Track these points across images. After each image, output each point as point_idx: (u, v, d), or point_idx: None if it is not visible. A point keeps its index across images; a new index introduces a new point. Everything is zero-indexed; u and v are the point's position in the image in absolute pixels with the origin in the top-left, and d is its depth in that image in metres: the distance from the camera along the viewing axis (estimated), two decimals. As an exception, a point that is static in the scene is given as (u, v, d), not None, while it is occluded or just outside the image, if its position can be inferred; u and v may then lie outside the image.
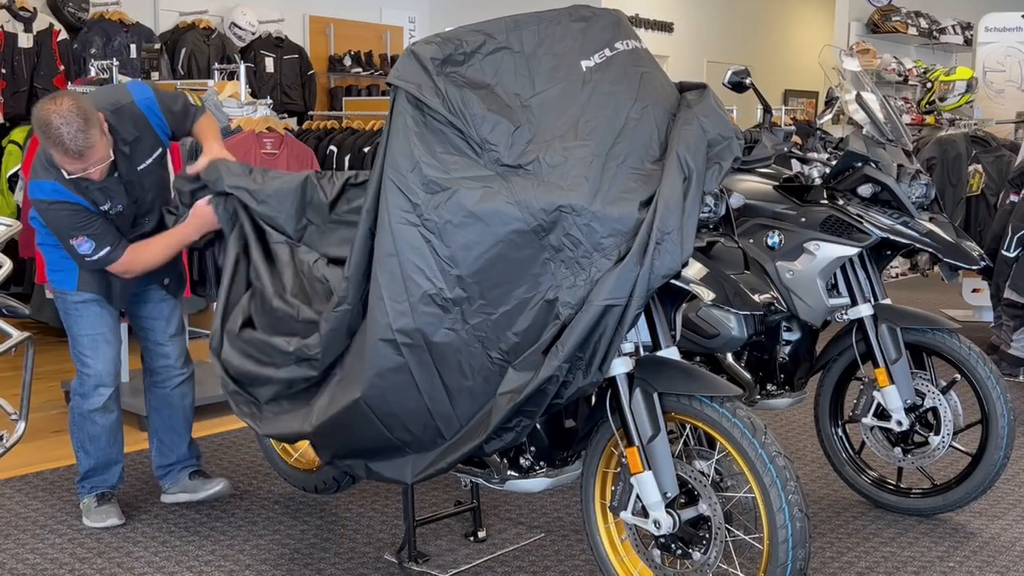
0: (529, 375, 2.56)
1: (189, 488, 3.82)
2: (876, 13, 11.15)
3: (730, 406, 2.66)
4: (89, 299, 3.57)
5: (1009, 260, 5.55)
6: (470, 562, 3.38)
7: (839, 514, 3.84)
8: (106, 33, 7.53)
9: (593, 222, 2.55)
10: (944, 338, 3.65)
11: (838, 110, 4.06)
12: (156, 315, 3.79)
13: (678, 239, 2.54)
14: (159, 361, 3.81)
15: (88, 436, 3.64)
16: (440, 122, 2.65)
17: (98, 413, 3.62)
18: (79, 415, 3.63)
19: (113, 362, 3.64)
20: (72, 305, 3.59)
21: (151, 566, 3.32)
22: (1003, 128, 8.22)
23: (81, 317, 3.59)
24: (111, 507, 3.66)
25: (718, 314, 3.57)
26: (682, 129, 2.68)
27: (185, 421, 3.88)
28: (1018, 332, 5.68)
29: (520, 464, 3.01)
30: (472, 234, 2.60)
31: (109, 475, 3.72)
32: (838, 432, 3.96)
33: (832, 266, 3.65)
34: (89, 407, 3.61)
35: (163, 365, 3.81)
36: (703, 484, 2.71)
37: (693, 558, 2.74)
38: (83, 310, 3.58)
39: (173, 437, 3.85)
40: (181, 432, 3.86)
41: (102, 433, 3.65)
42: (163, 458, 3.86)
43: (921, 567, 3.40)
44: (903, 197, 3.67)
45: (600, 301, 2.50)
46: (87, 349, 3.59)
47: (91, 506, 3.66)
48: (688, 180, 2.60)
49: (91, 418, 3.62)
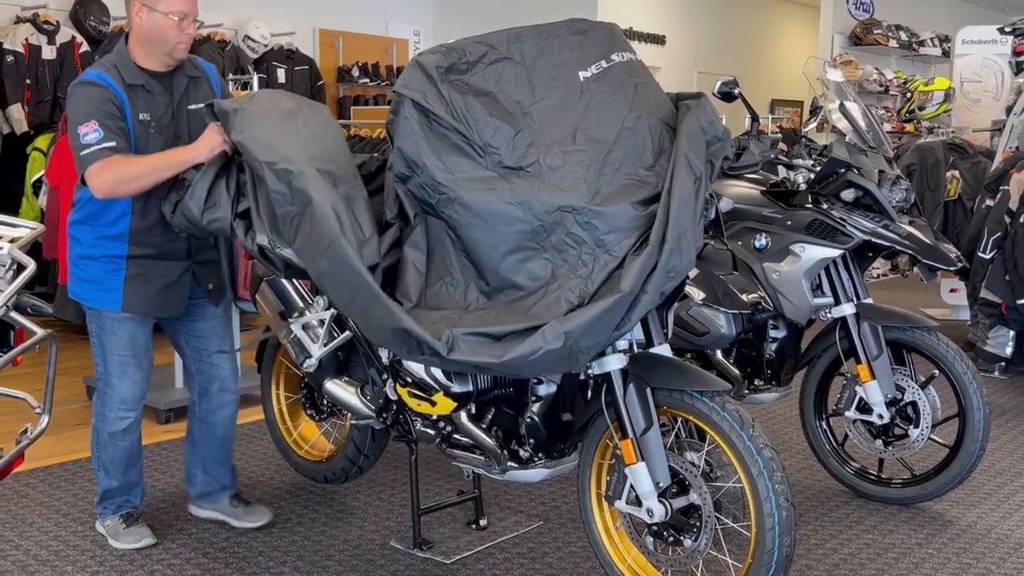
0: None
1: (227, 512, 3.53)
2: (859, 26, 11.15)
3: (719, 400, 2.66)
4: (126, 318, 3.24)
5: (985, 261, 5.55)
6: (472, 549, 3.37)
7: (823, 503, 3.84)
8: (126, 45, 7.52)
9: (594, 219, 2.55)
10: (923, 336, 3.65)
11: (822, 119, 4.05)
12: (207, 332, 3.43)
13: (692, 238, 2.54)
14: (214, 384, 3.46)
15: (109, 458, 3.35)
16: (444, 127, 2.65)
17: (118, 435, 3.32)
18: (99, 436, 3.34)
19: (139, 386, 3.32)
20: (108, 322, 3.24)
21: (168, 552, 3.32)
22: (979, 136, 8.22)
23: (115, 336, 3.24)
24: (141, 528, 3.39)
25: (708, 313, 3.58)
26: (685, 132, 2.68)
27: (230, 450, 3.59)
28: (993, 330, 5.67)
29: (520, 455, 3.01)
30: (478, 233, 2.60)
31: (132, 495, 3.44)
32: (822, 425, 3.96)
33: (816, 267, 3.65)
34: (109, 430, 3.30)
35: (217, 388, 3.46)
36: (694, 475, 2.71)
37: (684, 545, 2.74)
38: (118, 329, 3.24)
39: (218, 468, 3.55)
40: (226, 462, 3.57)
41: (123, 456, 3.35)
42: (205, 487, 3.55)
43: (901, 553, 3.40)
44: (884, 201, 3.67)
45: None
46: (115, 369, 3.26)
47: (119, 528, 3.37)
48: (698, 181, 2.61)
49: (112, 441, 3.32)
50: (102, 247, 3.19)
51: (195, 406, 3.51)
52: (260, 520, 3.50)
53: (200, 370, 3.46)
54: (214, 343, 3.45)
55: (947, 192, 6.95)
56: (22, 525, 3.53)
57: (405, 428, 3.30)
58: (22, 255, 2.13)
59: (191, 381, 3.51)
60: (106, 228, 3.18)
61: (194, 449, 3.53)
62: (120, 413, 3.28)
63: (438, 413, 3.06)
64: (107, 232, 3.18)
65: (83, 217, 3.22)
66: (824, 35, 11.13)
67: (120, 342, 3.24)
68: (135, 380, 3.29)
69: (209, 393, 3.46)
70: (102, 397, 3.30)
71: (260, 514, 3.52)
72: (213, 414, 3.47)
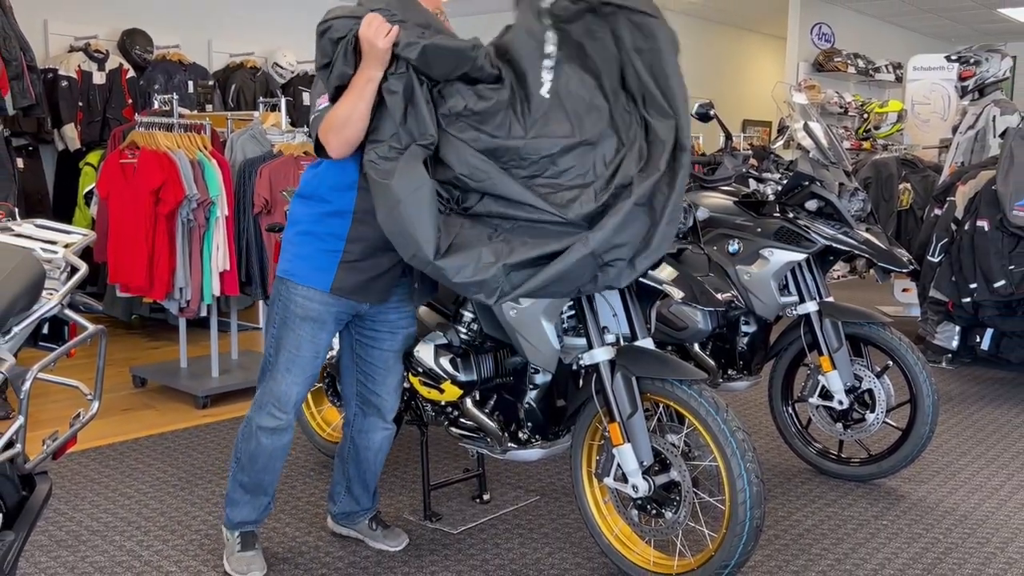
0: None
1: (365, 533, 3.15)
2: (821, 54, 11.15)
3: (697, 388, 2.66)
4: (323, 309, 2.71)
5: (934, 264, 5.56)
6: (476, 520, 3.37)
7: (789, 480, 3.83)
8: (167, 72, 7.52)
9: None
10: (878, 330, 3.65)
11: (789, 137, 4.05)
12: (391, 345, 2.91)
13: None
14: (374, 399, 2.95)
15: (248, 452, 2.84)
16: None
17: (264, 433, 2.80)
18: (248, 426, 2.84)
19: (302, 389, 2.79)
20: (296, 311, 2.71)
21: (205, 524, 3.31)
22: (929, 152, 8.22)
23: (297, 330, 2.73)
24: (255, 556, 2.91)
25: (687, 310, 3.57)
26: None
27: (377, 473, 3.10)
28: (941, 325, 5.68)
29: (519, 437, 3.01)
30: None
31: (253, 506, 2.92)
32: (788, 410, 3.95)
33: (783, 269, 3.65)
34: (259, 422, 2.80)
35: (378, 406, 2.96)
36: (674, 454, 2.71)
37: (666, 517, 2.74)
38: (303, 327, 2.72)
39: (362, 491, 3.10)
40: (370, 485, 3.11)
41: (261, 454, 2.83)
42: (346, 507, 3.14)
43: (859, 524, 3.40)
44: (843, 211, 3.67)
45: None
46: (282, 365, 2.75)
47: (234, 548, 2.91)
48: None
49: (257, 435, 2.80)
50: (326, 224, 2.68)
51: (349, 425, 3.04)
52: (397, 545, 3.11)
53: (369, 375, 2.94)
54: (391, 359, 2.94)
55: (900, 202, 6.95)
56: (75, 500, 3.53)
57: (416, 413, 3.30)
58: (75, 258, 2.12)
59: (350, 399, 3.02)
60: (330, 203, 2.68)
61: (342, 467, 3.10)
62: (273, 410, 2.78)
63: (446, 400, 3.06)
64: (331, 207, 2.68)
65: (308, 192, 2.74)
66: (790, 62, 11.13)
67: (301, 339, 2.73)
68: (299, 381, 2.77)
69: (370, 408, 2.98)
70: (262, 386, 2.82)
71: (397, 538, 3.13)
72: (367, 434, 3.01)
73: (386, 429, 3.02)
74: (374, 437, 3.01)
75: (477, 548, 3.14)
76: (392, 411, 3.00)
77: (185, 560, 3.03)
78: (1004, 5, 11.05)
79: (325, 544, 3.15)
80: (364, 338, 2.90)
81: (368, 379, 2.94)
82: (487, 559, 3.06)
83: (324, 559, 3.04)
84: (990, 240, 5.12)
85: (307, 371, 2.78)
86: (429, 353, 3.02)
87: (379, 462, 3.07)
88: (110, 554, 3.07)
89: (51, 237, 2.20)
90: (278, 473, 2.91)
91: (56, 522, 3.32)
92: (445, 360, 2.99)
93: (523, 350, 2.77)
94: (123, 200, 4.76)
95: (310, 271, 2.71)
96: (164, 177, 4.62)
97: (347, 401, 3.03)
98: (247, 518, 2.93)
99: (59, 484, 3.67)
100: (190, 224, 4.69)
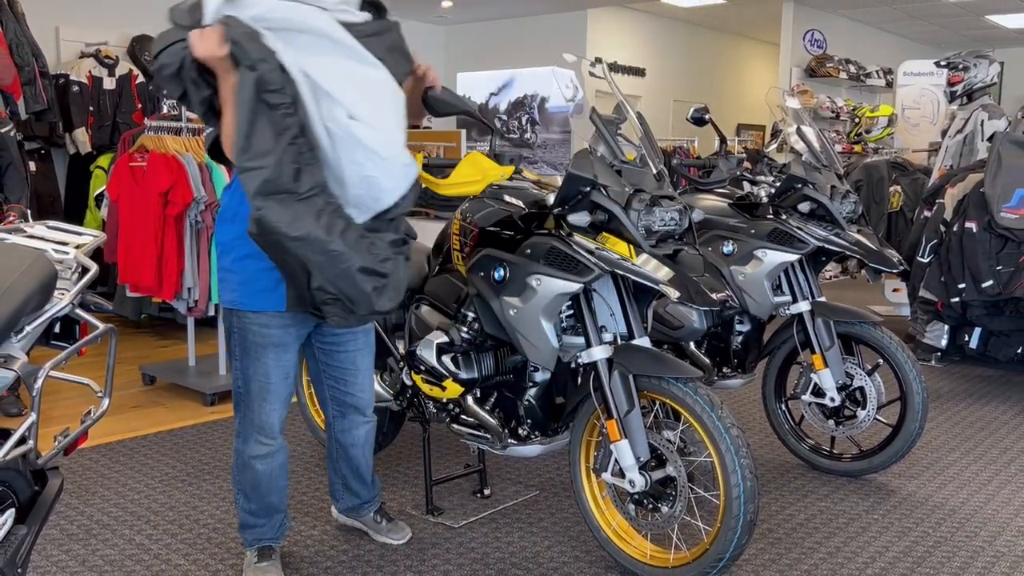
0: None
1: (370, 526, 3.12)
2: (813, 60, 11.16)
3: (692, 385, 2.66)
4: (281, 332, 2.59)
5: (923, 265, 5.55)
6: (477, 515, 3.37)
7: (783, 475, 3.83)
8: (176, 77, 7.51)
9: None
10: (869, 329, 3.65)
11: (782, 140, 4.05)
12: (353, 345, 2.83)
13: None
14: (350, 399, 2.89)
15: (248, 483, 2.76)
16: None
17: (258, 460, 2.72)
18: (240, 458, 2.75)
19: (282, 410, 2.71)
20: (254, 340, 2.59)
21: (213, 518, 3.31)
22: (918, 156, 8.23)
23: (262, 359, 2.61)
24: (272, 565, 2.81)
25: (683, 309, 3.57)
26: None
27: (370, 465, 3.06)
28: (930, 325, 5.67)
29: (519, 433, 3.01)
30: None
31: (269, 525, 2.84)
32: (781, 407, 3.95)
33: (777, 270, 3.65)
34: (249, 453, 2.72)
35: (354, 405, 2.90)
36: (670, 450, 2.71)
37: (662, 511, 2.74)
38: (266, 354, 2.60)
39: (359, 485, 3.07)
40: (367, 477, 3.06)
41: (262, 480, 2.75)
42: (349, 501, 3.11)
43: (850, 519, 3.40)
44: (835, 213, 3.67)
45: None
46: (255, 395, 2.64)
47: (251, 561, 2.83)
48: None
49: (251, 464, 2.73)
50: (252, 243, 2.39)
51: (331, 427, 2.98)
52: (400, 538, 3.09)
53: (342, 380, 2.88)
54: (361, 359, 2.87)
55: (890, 204, 6.95)
56: (86, 494, 3.53)
57: (419, 410, 3.30)
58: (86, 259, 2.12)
59: (326, 402, 2.96)
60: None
61: (334, 467, 3.06)
62: (259, 439, 2.70)
63: (447, 397, 3.06)
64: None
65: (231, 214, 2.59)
66: (783, 68, 11.13)
67: (265, 367, 2.62)
68: (275, 407, 2.68)
69: (346, 409, 2.92)
70: (241, 419, 2.71)
71: (401, 532, 3.12)
72: (347, 433, 2.96)
73: (367, 423, 2.96)
74: (357, 433, 2.96)
75: (478, 542, 3.14)
76: (370, 404, 2.93)
77: (193, 553, 3.02)
78: (992, 12, 11.06)
79: (330, 538, 3.15)
80: (326, 345, 2.81)
81: (340, 382, 2.87)
82: (488, 552, 3.06)
83: (329, 552, 3.04)
84: (978, 241, 5.12)
85: (281, 395, 2.68)
86: (431, 351, 3.02)
87: (368, 454, 3.03)
88: (120, 547, 3.07)
89: (63, 238, 2.20)
90: (285, 490, 2.83)
91: (68, 516, 3.32)
92: (447, 358, 2.99)
93: (523, 349, 2.79)
94: (133, 202, 4.76)
95: (259, 295, 2.56)
96: (173, 180, 4.62)
97: (324, 405, 2.96)
98: (263, 535, 2.85)
99: (70, 479, 3.67)
100: (198, 226, 4.69)
